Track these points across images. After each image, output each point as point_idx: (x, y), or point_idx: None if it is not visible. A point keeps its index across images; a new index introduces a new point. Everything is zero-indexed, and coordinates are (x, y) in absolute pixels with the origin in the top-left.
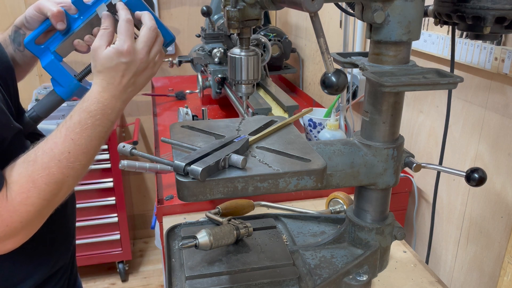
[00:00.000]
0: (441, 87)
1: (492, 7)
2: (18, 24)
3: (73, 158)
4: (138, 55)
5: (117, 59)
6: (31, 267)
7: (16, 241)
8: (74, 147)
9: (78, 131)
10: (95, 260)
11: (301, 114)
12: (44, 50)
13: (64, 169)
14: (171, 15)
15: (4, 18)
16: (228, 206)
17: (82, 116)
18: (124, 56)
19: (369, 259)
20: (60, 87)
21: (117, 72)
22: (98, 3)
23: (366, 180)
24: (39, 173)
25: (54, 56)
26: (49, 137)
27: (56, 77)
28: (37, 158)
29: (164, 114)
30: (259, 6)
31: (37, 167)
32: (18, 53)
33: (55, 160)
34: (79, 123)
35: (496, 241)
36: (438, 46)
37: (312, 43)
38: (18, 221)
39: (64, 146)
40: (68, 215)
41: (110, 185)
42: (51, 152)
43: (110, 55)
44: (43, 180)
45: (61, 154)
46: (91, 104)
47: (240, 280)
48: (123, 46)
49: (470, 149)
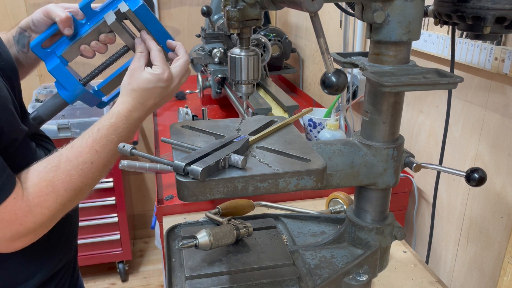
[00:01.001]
0: (441, 87)
1: (492, 7)
2: (24, 26)
3: (95, 168)
4: (173, 83)
5: (155, 83)
6: (36, 266)
7: (26, 241)
8: (98, 159)
9: (103, 144)
10: (95, 260)
11: (301, 114)
12: (50, 54)
13: (84, 177)
14: (171, 15)
15: (4, 18)
16: (228, 206)
17: (109, 131)
18: (163, 82)
19: (369, 259)
20: (65, 91)
21: (151, 95)
22: (106, 10)
23: (366, 180)
24: (60, 179)
25: (60, 61)
26: (74, 145)
27: (61, 81)
28: (60, 164)
29: (164, 114)
30: (259, 6)
31: (59, 173)
32: (21, 55)
33: (77, 169)
34: (106, 138)
35: (496, 241)
36: (438, 46)
37: (312, 43)
38: (32, 221)
39: (88, 156)
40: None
41: (110, 185)
42: (75, 160)
43: (150, 79)
44: (63, 186)
45: (84, 164)
46: (119, 121)
47: (240, 280)
48: (163, 73)
49: (470, 149)
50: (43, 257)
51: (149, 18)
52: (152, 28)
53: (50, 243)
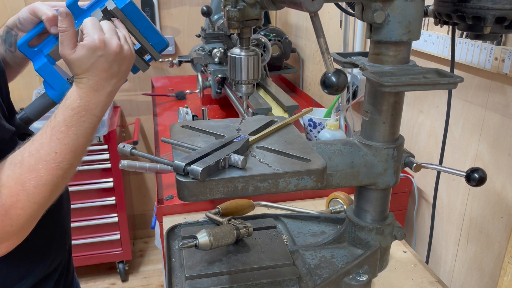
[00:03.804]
0: (441, 87)
1: (492, 7)
2: (11, 25)
3: (61, 158)
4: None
5: (93, 55)
6: (27, 267)
7: (8, 245)
8: (61, 147)
9: (63, 129)
10: (95, 260)
11: (301, 114)
12: (37, 53)
13: (52, 170)
14: (171, 15)
15: (4, 18)
16: (228, 206)
17: (66, 114)
18: (99, 49)
19: (369, 259)
20: (53, 90)
21: (96, 67)
22: (93, 8)
23: (366, 180)
24: (27, 176)
25: (47, 59)
26: (35, 138)
27: (49, 80)
28: (24, 160)
29: (164, 114)
30: (259, 6)
31: (25, 170)
32: (9, 54)
33: (42, 162)
34: (64, 122)
35: (496, 241)
36: (438, 46)
37: (312, 43)
38: (9, 225)
39: (50, 147)
40: (63, 213)
41: (110, 185)
42: (37, 153)
43: (84, 55)
44: (31, 182)
45: (48, 155)
46: (73, 101)
47: (240, 280)
48: (94, 40)
49: (470, 149)
50: (36, 257)
51: (137, 15)
52: (141, 26)
53: (43, 242)
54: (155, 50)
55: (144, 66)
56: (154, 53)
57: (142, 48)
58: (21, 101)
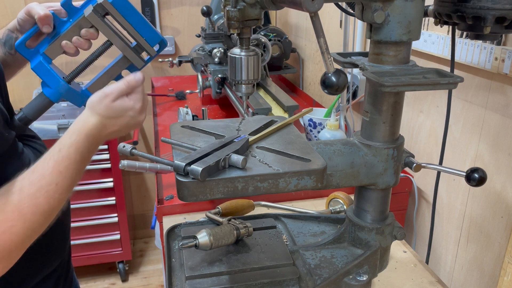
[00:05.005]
0: (441, 87)
1: (492, 7)
2: (11, 27)
3: (61, 189)
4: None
5: (125, 112)
6: (27, 269)
7: None
8: (62, 180)
9: (66, 164)
10: (95, 260)
11: (301, 114)
12: (34, 53)
13: (51, 199)
14: (171, 15)
15: (4, 18)
16: (228, 206)
17: (70, 151)
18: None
19: (369, 259)
20: (49, 89)
21: (116, 122)
22: (86, 5)
23: (366, 180)
24: (25, 203)
25: (43, 58)
26: (36, 168)
27: (45, 79)
28: (23, 188)
29: (164, 114)
30: (259, 6)
31: (24, 197)
32: (8, 56)
33: (42, 191)
34: (68, 158)
35: (496, 241)
36: (438, 46)
37: (312, 43)
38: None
39: (51, 178)
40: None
41: (110, 185)
42: (39, 183)
43: (123, 107)
44: (29, 209)
45: (49, 185)
46: (80, 140)
47: (240, 280)
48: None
49: (470, 149)
50: (36, 258)
51: (129, 10)
52: (133, 21)
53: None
54: (149, 46)
55: (140, 63)
56: (149, 49)
57: (138, 45)
58: (21, 101)
